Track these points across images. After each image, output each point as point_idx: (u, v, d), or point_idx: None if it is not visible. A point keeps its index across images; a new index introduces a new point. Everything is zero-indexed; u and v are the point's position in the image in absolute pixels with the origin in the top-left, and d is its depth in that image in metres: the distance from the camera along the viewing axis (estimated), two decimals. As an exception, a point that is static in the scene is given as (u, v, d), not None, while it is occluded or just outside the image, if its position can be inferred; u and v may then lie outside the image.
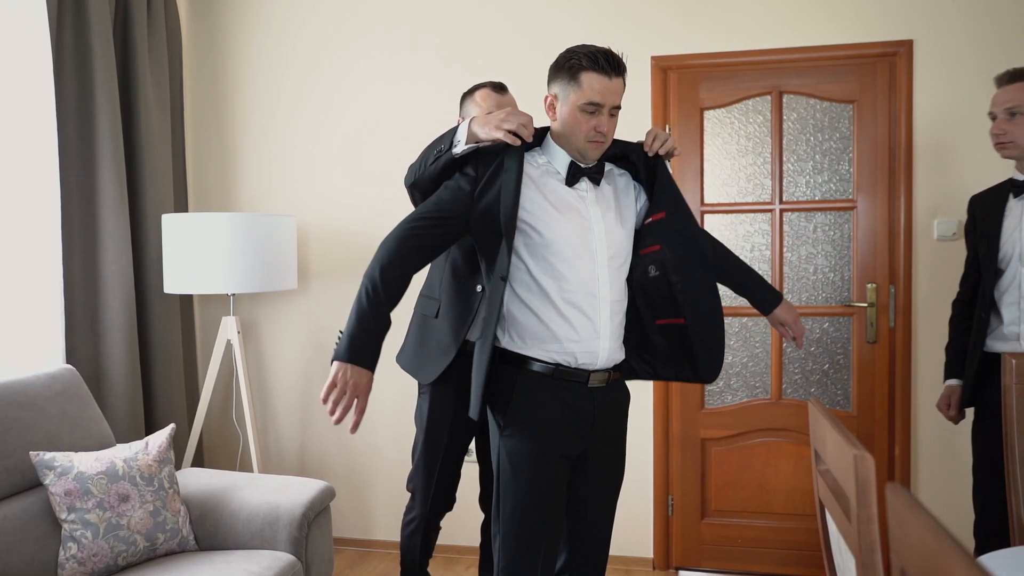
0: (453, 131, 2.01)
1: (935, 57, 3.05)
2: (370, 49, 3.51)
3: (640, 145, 2.05)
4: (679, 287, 1.94)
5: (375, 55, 3.51)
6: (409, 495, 2.55)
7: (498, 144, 1.92)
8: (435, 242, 1.94)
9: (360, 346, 1.80)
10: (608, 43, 3.25)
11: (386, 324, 1.86)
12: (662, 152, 2.02)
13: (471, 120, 1.97)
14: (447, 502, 2.54)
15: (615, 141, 2.02)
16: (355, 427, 1.79)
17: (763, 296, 2.21)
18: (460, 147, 1.98)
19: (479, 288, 2.32)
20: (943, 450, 3.11)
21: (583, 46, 1.89)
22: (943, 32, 3.04)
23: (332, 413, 1.78)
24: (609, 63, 1.85)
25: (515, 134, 1.90)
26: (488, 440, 2.45)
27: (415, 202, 2.31)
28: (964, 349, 2.56)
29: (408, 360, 2.49)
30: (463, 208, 1.91)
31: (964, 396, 2.52)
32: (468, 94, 2.47)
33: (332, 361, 1.80)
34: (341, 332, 1.86)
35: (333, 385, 1.77)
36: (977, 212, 2.54)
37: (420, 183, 2.17)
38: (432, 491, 2.47)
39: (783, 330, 2.20)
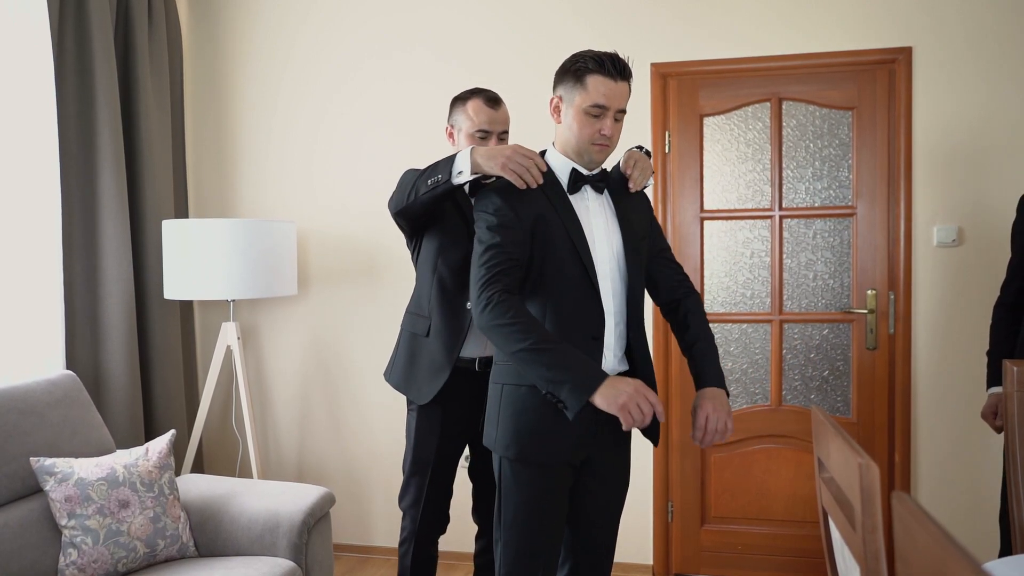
0: (450, 160, 1.98)
1: (934, 64, 3.06)
2: (369, 53, 3.52)
3: (617, 172, 2.07)
4: None
5: (374, 59, 3.51)
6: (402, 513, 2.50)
7: (518, 191, 1.89)
8: (517, 283, 1.87)
9: (582, 367, 1.72)
10: (607, 49, 3.27)
11: (566, 345, 1.77)
12: (643, 187, 2.04)
13: (473, 150, 1.94)
14: (440, 521, 2.46)
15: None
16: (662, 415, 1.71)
17: (709, 372, 1.98)
18: (463, 177, 1.96)
19: (469, 305, 2.23)
20: (943, 457, 3.11)
21: (589, 51, 1.89)
22: (942, 39, 3.05)
23: (638, 423, 1.69)
24: (615, 66, 1.85)
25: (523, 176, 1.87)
26: (484, 459, 2.43)
27: (401, 229, 2.33)
28: (1008, 356, 2.47)
29: (399, 379, 2.42)
30: (526, 245, 1.86)
31: None
32: (460, 100, 2.38)
33: (577, 404, 1.71)
34: (550, 394, 1.76)
35: (627, 410, 1.67)
36: None
37: (409, 211, 2.17)
38: (422, 509, 2.40)
39: (700, 418, 1.88)
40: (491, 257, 1.82)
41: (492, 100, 2.33)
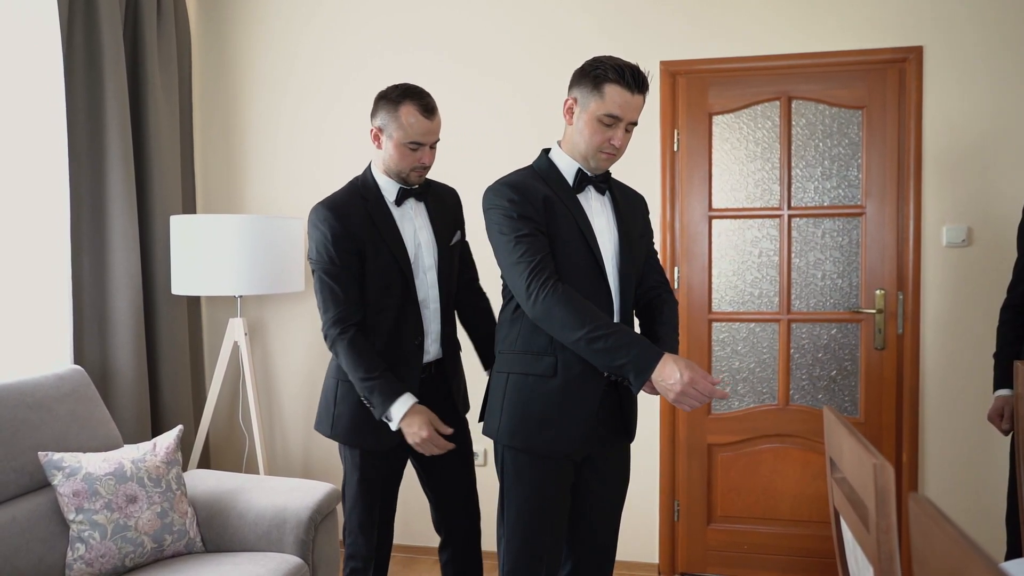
0: (385, 403, 2.03)
1: (945, 63, 3.05)
2: (377, 50, 3.52)
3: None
4: None
5: (382, 55, 3.51)
6: (345, 545, 2.30)
7: (525, 183, 1.90)
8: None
9: (637, 350, 1.75)
10: (617, 47, 3.27)
11: (620, 326, 1.81)
12: None
13: (405, 423, 2.02)
14: (391, 537, 2.32)
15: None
16: (723, 395, 1.76)
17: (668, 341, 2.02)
18: (393, 426, 2.05)
19: (417, 342, 2.18)
20: (951, 458, 3.10)
21: (611, 57, 1.88)
22: (953, 38, 3.04)
23: (694, 408, 1.74)
24: (635, 79, 1.85)
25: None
26: (432, 469, 2.34)
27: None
28: (1015, 357, 2.48)
29: (347, 432, 2.21)
30: (546, 235, 1.88)
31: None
32: (390, 103, 2.11)
33: (639, 385, 1.76)
34: (612, 375, 1.86)
35: (680, 402, 1.73)
36: None
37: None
38: (377, 527, 2.25)
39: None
40: (527, 248, 1.82)
41: (428, 109, 2.11)
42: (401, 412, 2.03)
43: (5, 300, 2.73)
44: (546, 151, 2.01)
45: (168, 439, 2.46)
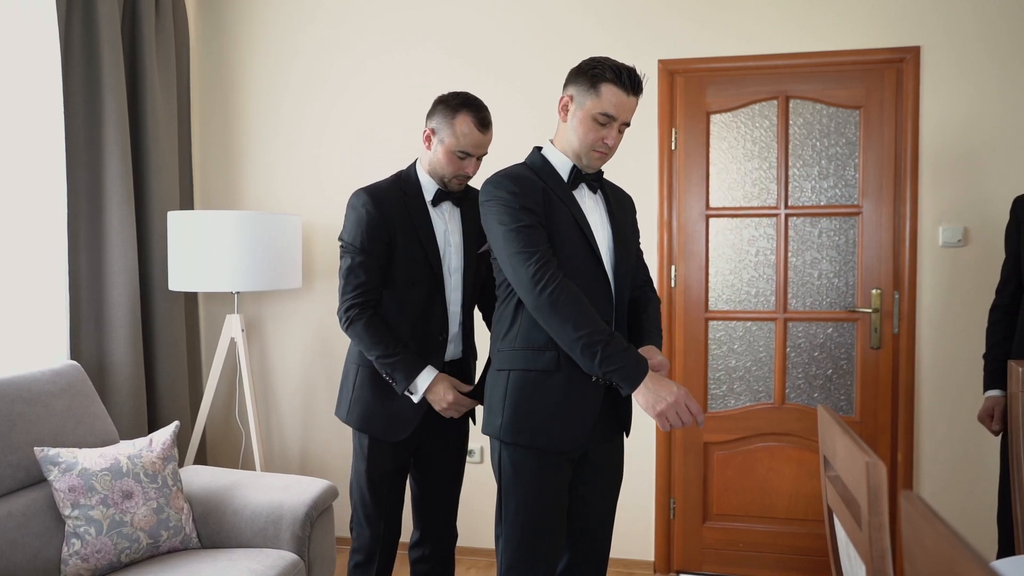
0: (410, 375, 2.14)
1: (942, 63, 3.05)
2: (376, 48, 3.52)
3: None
4: None
5: (381, 54, 3.51)
6: (352, 537, 2.35)
7: (524, 176, 1.91)
8: None
9: (629, 362, 1.76)
10: (616, 45, 3.28)
11: (616, 335, 1.80)
12: None
13: (430, 392, 2.15)
14: (397, 532, 2.34)
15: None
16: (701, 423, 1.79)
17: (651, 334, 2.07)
18: (416, 397, 2.16)
19: (441, 337, 2.24)
20: (946, 456, 3.11)
21: (607, 58, 1.90)
22: (950, 39, 3.05)
23: (674, 428, 1.77)
24: (631, 80, 1.88)
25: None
26: (428, 465, 2.37)
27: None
28: (1005, 358, 2.48)
29: (364, 420, 2.24)
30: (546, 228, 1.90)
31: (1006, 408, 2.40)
32: (449, 109, 2.17)
33: (627, 391, 1.79)
34: (600, 379, 1.86)
35: (664, 417, 1.75)
36: (1022, 214, 2.48)
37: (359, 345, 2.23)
38: (385, 517, 2.28)
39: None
40: (531, 238, 1.82)
41: (484, 123, 2.18)
42: (426, 383, 2.15)
43: (2, 295, 2.73)
44: (538, 148, 2.02)
45: (164, 435, 2.46)
